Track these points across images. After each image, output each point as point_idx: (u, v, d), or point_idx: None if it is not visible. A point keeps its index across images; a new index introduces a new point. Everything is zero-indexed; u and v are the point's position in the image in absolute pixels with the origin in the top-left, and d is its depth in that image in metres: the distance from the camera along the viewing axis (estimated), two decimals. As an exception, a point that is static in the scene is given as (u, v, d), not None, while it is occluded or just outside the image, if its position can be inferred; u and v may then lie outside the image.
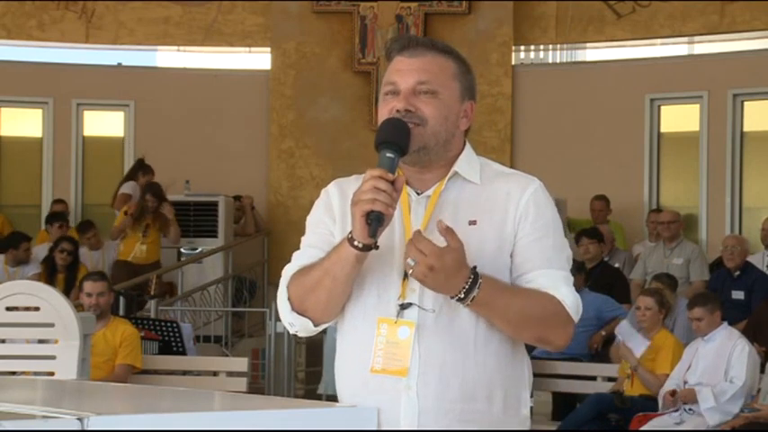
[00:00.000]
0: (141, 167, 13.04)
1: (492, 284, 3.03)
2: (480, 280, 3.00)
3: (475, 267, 3.01)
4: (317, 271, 3.08)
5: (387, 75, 3.18)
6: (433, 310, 3.06)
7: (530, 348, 3.34)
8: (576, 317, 3.12)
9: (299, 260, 3.18)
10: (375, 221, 2.95)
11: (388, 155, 3.02)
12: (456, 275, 2.98)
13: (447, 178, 3.15)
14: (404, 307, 3.06)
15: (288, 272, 3.17)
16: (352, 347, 3.14)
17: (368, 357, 3.07)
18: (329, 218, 3.20)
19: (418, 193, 3.15)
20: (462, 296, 2.99)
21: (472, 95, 3.22)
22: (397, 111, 3.10)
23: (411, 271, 3.00)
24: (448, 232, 3.00)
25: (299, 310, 3.14)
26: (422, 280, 2.99)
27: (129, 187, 12.88)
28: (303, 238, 3.24)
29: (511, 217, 3.11)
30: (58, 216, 13.02)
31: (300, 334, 3.23)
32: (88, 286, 8.25)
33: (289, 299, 3.14)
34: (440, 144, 3.13)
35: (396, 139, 3.04)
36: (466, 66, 3.22)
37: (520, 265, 3.11)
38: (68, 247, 11.88)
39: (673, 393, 8.50)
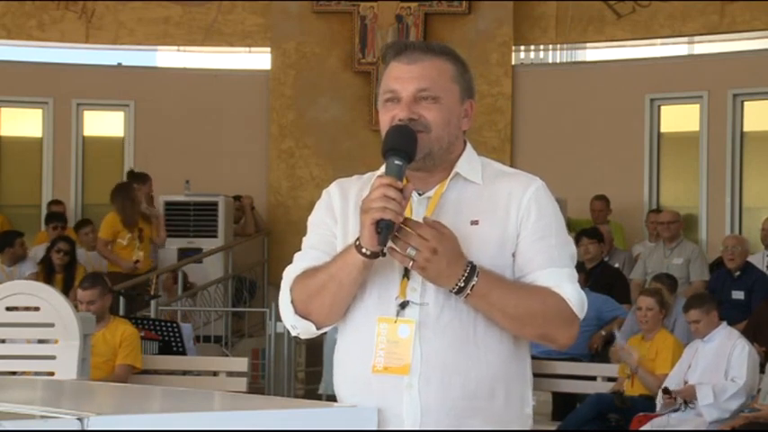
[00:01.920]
0: (135, 179, 12.67)
1: (490, 277, 3.03)
2: (478, 270, 3.01)
3: (471, 262, 3.02)
4: (322, 275, 3.09)
5: (385, 82, 3.18)
6: (429, 305, 3.06)
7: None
8: (581, 314, 3.12)
9: (300, 261, 3.19)
10: (385, 230, 2.96)
11: (396, 162, 3.03)
12: (456, 263, 2.99)
13: (449, 179, 3.15)
14: (403, 306, 3.07)
15: (290, 274, 3.17)
16: (352, 348, 3.14)
17: (369, 358, 3.08)
18: (330, 218, 3.21)
19: (420, 194, 3.16)
20: (462, 285, 2.99)
21: (471, 94, 3.22)
22: (400, 120, 3.11)
23: (411, 263, 3.00)
24: (436, 224, 3.02)
25: (302, 313, 3.14)
26: (424, 267, 2.99)
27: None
28: (304, 239, 3.25)
29: (513, 217, 3.11)
30: (55, 217, 13.00)
31: (302, 336, 3.24)
32: (79, 294, 8.21)
33: (292, 302, 3.15)
34: (443, 148, 3.14)
35: (403, 146, 3.05)
36: (463, 65, 3.22)
37: (523, 264, 3.11)
38: (65, 248, 11.83)
39: (666, 391, 8.49)
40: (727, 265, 10.65)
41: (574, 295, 3.10)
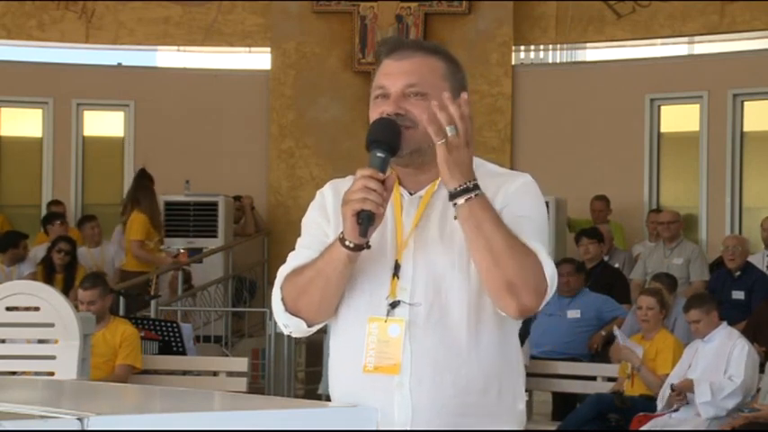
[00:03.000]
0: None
1: (488, 204, 3.01)
2: (482, 191, 3.00)
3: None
4: (309, 271, 3.10)
5: (376, 79, 3.19)
6: (420, 304, 3.06)
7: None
8: (551, 287, 3.04)
9: (293, 261, 3.19)
10: (365, 221, 2.96)
11: (379, 154, 3.03)
12: (469, 170, 2.99)
13: (440, 179, 3.14)
14: (393, 305, 3.07)
15: (282, 273, 3.19)
16: (344, 347, 3.15)
17: (360, 357, 3.08)
18: (323, 218, 3.21)
19: (411, 194, 3.16)
20: (470, 186, 2.97)
21: None
22: (387, 114, 3.11)
23: (443, 141, 2.95)
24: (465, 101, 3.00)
25: (292, 310, 3.15)
26: (452, 150, 2.96)
27: None
28: (298, 240, 3.26)
29: (498, 203, 3.08)
30: (55, 217, 12.99)
31: (294, 335, 3.25)
32: (80, 294, 8.21)
33: (282, 299, 3.16)
34: (431, 145, 3.12)
35: (386, 139, 3.06)
36: (455, 64, 3.22)
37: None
38: (65, 247, 11.81)
39: (673, 387, 8.50)
40: (727, 265, 10.64)
41: (549, 266, 3.04)
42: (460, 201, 2.98)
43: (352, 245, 3.00)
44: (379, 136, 3.06)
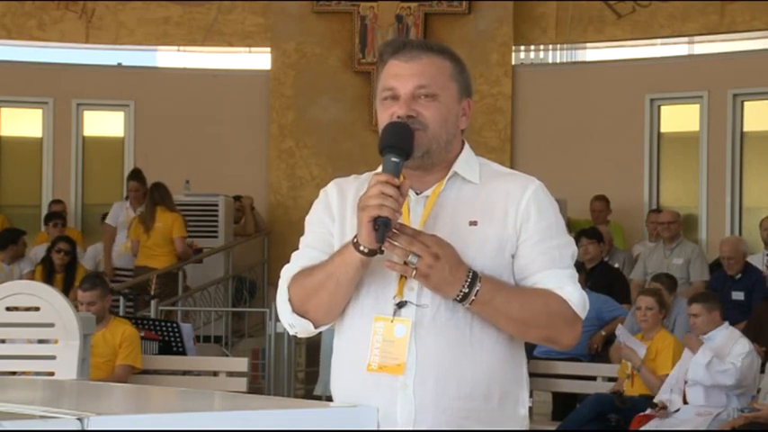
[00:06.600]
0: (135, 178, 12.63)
1: (492, 282, 3.04)
2: (480, 276, 3.01)
3: (472, 269, 3.02)
4: (319, 274, 3.09)
5: (383, 80, 3.17)
6: (426, 305, 3.06)
7: (529, 348, 3.34)
8: (582, 314, 3.12)
9: (298, 260, 3.19)
10: (383, 227, 2.95)
11: (393, 159, 3.02)
12: (458, 269, 2.99)
13: (446, 178, 3.15)
14: (400, 305, 3.07)
15: (287, 273, 3.18)
16: (349, 346, 3.15)
17: (365, 356, 3.08)
18: (328, 217, 3.20)
19: (417, 193, 3.15)
20: (467, 290, 2.99)
21: (469, 93, 3.22)
22: (398, 117, 3.10)
23: (413, 272, 2.99)
24: (432, 234, 3.03)
25: (299, 311, 3.14)
26: (427, 274, 2.98)
27: (112, 218, 12.50)
28: (302, 238, 3.25)
29: (511, 217, 3.11)
30: (55, 216, 13.01)
31: (300, 335, 3.24)
32: (79, 295, 8.19)
33: (289, 300, 3.14)
34: (441, 146, 3.13)
35: (400, 144, 3.05)
36: (461, 64, 3.22)
37: (524, 267, 3.10)
38: (65, 247, 11.82)
39: (653, 405, 8.51)
40: (727, 271, 10.62)
41: (575, 296, 3.10)
42: (467, 304, 3.02)
43: (366, 250, 2.99)
44: (394, 141, 3.05)
